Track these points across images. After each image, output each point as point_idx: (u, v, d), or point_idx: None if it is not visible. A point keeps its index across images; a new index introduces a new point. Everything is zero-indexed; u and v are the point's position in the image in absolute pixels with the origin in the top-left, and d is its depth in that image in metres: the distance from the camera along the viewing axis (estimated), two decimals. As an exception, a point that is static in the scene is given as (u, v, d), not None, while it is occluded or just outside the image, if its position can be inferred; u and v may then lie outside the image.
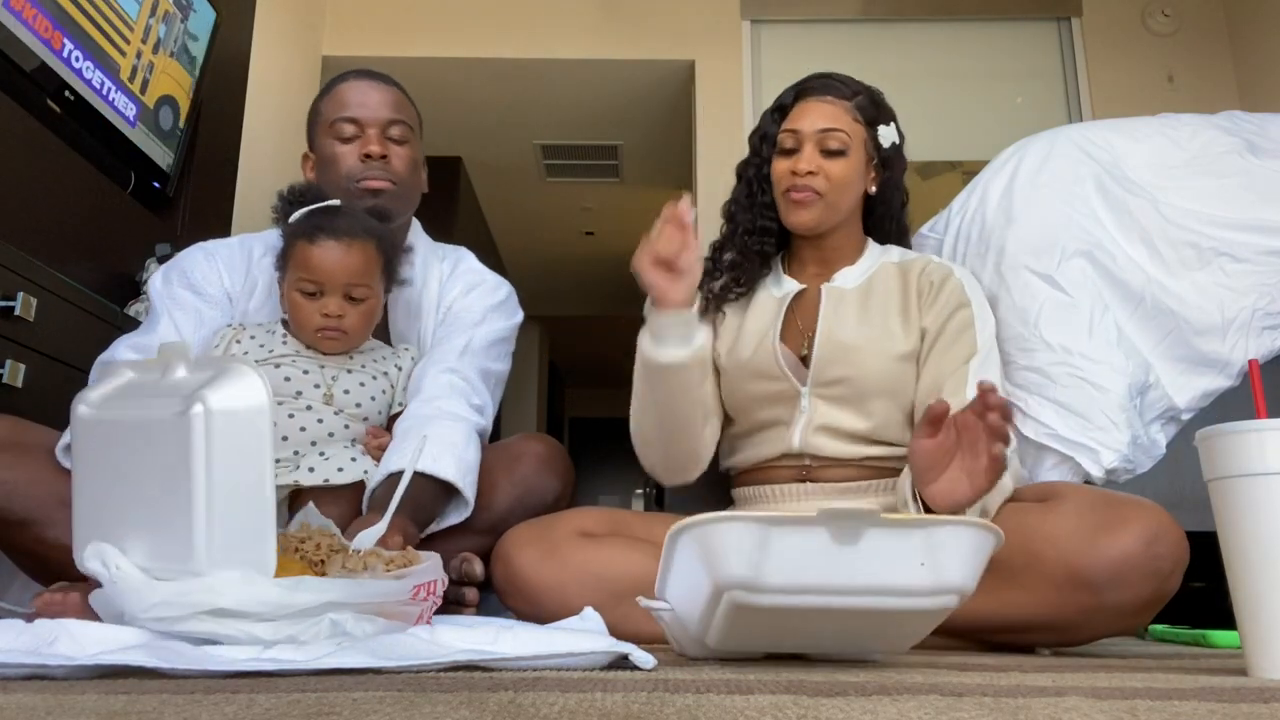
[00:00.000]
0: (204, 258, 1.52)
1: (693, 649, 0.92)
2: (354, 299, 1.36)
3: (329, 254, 1.33)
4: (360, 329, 1.39)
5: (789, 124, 1.46)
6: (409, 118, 1.56)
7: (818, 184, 1.42)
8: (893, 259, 1.50)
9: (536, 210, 5.57)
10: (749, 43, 3.84)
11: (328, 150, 1.51)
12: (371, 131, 1.51)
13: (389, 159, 1.51)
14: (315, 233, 1.34)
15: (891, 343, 1.39)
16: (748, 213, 1.51)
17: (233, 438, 0.83)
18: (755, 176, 1.51)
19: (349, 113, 1.51)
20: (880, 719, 0.55)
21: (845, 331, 1.40)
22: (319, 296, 1.34)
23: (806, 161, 1.42)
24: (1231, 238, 1.58)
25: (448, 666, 0.76)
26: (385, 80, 1.58)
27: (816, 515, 0.77)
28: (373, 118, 1.51)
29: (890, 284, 1.45)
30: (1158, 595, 1.09)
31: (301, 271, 1.34)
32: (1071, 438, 1.49)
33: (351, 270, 1.34)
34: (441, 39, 3.86)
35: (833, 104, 1.45)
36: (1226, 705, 0.63)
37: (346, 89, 1.54)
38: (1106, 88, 3.69)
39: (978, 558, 0.81)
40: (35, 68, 1.81)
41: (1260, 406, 0.90)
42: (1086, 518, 1.09)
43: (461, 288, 1.59)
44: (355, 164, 1.49)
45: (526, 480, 1.41)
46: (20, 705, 0.58)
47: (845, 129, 1.43)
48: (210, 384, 0.84)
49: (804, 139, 1.43)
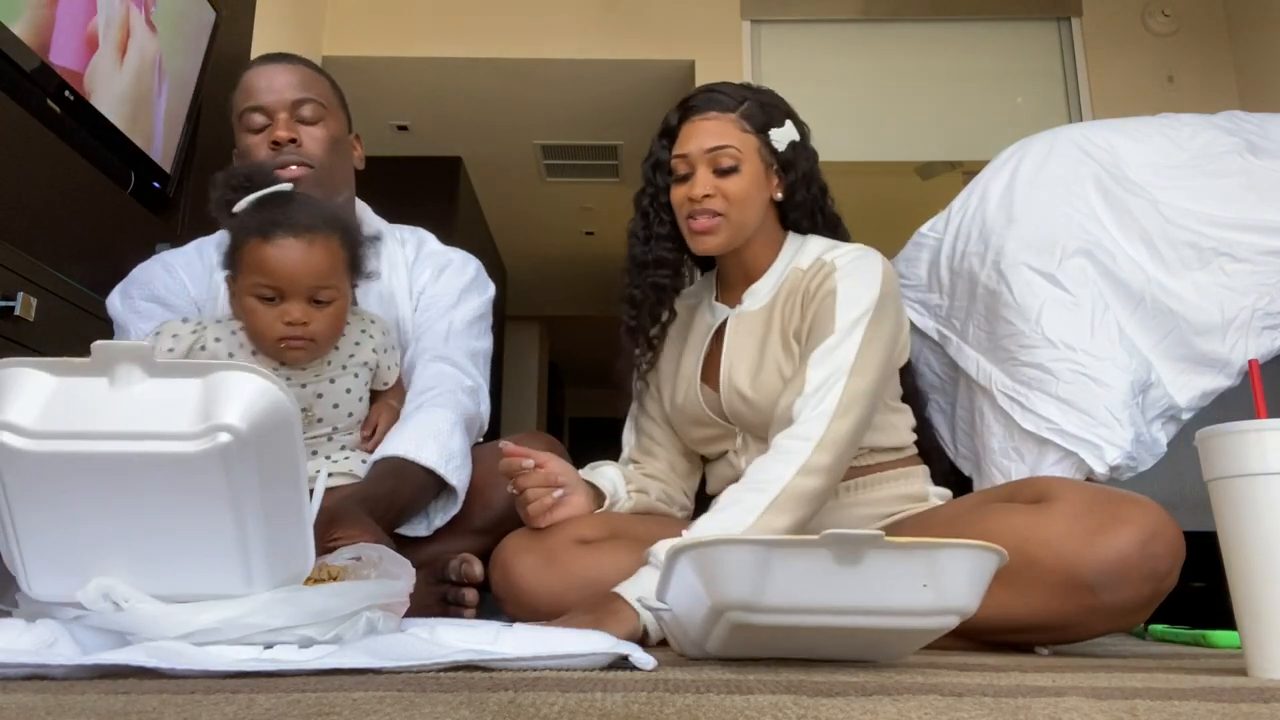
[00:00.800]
0: (163, 270, 1.48)
1: (692, 650, 0.92)
2: (319, 302, 1.20)
3: (288, 254, 1.15)
4: (328, 335, 1.24)
5: (678, 149, 1.40)
6: (320, 94, 1.48)
7: (716, 205, 1.35)
8: (803, 263, 1.39)
9: (536, 210, 5.57)
10: (749, 43, 3.84)
11: (242, 144, 1.46)
12: (281, 116, 1.43)
13: (299, 142, 1.42)
14: (270, 229, 1.16)
15: (779, 382, 1.32)
16: (643, 245, 1.45)
17: (267, 459, 0.76)
18: (651, 206, 1.45)
19: (254, 100, 1.44)
20: (880, 719, 0.55)
21: (741, 378, 1.36)
22: (279, 302, 1.18)
23: (701, 185, 1.35)
24: (1231, 238, 1.58)
25: (448, 666, 0.76)
26: (291, 60, 1.50)
27: (819, 537, 0.76)
28: (277, 101, 1.44)
29: (795, 296, 1.37)
30: (1155, 594, 1.08)
31: (257, 275, 1.17)
32: (1075, 433, 1.49)
33: (315, 271, 1.17)
34: (441, 39, 3.86)
35: (717, 120, 1.38)
36: (1226, 705, 0.63)
37: (251, 75, 1.47)
38: (1106, 88, 3.70)
39: (980, 579, 0.81)
40: (35, 68, 1.81)
41: (1260, 406, 0.90)
42: (1082, 519, 1.08)
43: (431, 271, 1.57)
44: (267, 154, 1.42)
45: None
46: (20, 705, 0.58)
47: (734, 143, 1.36)
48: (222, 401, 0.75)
49: (694, 161, 1.37)
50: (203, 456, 0.74)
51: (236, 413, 0.74)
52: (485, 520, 1.39)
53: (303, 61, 1.51)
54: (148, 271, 1.49)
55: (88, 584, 0.77)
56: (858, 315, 1.27)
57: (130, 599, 0.77)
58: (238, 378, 0.76)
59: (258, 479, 0.76)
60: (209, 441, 0.73)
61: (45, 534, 0.78)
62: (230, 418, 0.74)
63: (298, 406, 0.81)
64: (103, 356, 0.75)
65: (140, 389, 0.76)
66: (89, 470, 0.75)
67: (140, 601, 0.77)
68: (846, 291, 1.29)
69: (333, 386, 1.29)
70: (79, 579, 0.78)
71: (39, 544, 0.78)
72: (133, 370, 0.76)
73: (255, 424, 0.75)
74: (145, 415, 0.75)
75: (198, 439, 0.74)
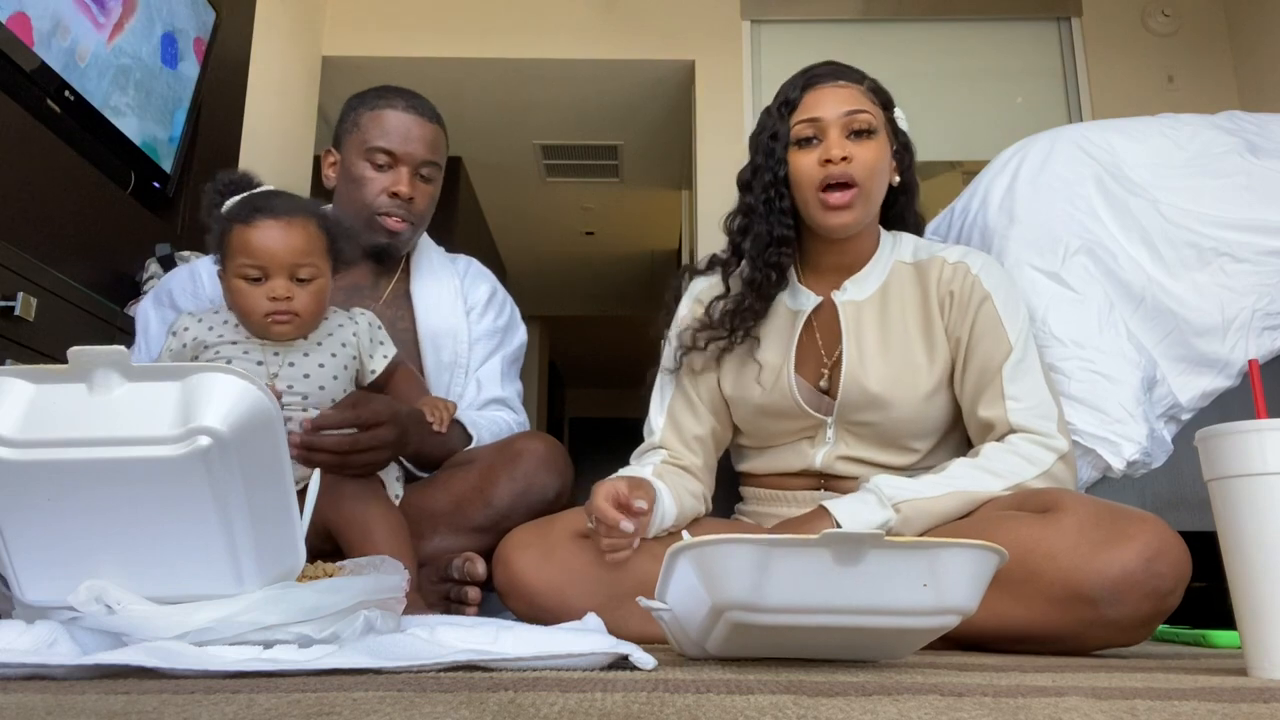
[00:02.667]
0: (189, 277, 1.56)
1: (692, 650, 0.92)
2: (301, 279, 1.28)
3: (269, 233, 1.26)
4: (312, 310, 1.31)
5: (805, 113, 1.33)
6: (440, 157, 1.58)
7: (855, 171, 1.29)
8: (905, 257, 1.39)
9: (536, 210, 5.57)
10: (749, 43, 3.84)
11: (356, 170, 1.53)
12: (405, 170, 1.52)
13: (415, 200, 1.53)
14: (252, 215, 1.27)
15: (917, 380, 1.31)
16: (764, 222, 1.35)
17: (249, 459, 0.77)
18: (771, 182, 1.34)
19: (388, 144, 1.52)
20: (880, 719, 0.55)
21: (871, 377, 1.31)
22: (264, 281, 1.27)
23: (838, 146, 1.29)
24: (1231, 238, 1.58)
25: (448, 666, 0.76)
26: (430, 116, 1.58)
27: (819, 537, 0.76)
28: (411, 157, 1.53)
29: (907, 291, 1.36)
30: (1157, 612, 1.06)
31: (242, 256, 1.26)
32: (1091, 431, 1.48)
33: (295, 249, 1.27)
34: (441, 39, 3.86)
35: (849, 88, 1.34)
36: (1226, 705, 0.63)
37: (393, 117, 1.54)
38: (1106, 88, 3.70)
39: (981, 579, 0.81)
40: (35, 68, 1.81)
41: (1260, 406, 0.90)
42: (1087, 533, 1.07)
43: (480, 305, 1.68)
44: (382, 198, 1.52)
45: (527, 478, 1.42)
46: (20, 705, 0.58)
47: (869, 109, 1.33)
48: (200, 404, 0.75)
49: (827, 125, 1.31)
50: (183, 460, 0.74)
51: (216, 415, 0.74)
52: (487, 518, 1.39)
53: (437, 118, 1.59)
54: (175, 279, 1.57)
55: (79, 587, 0.77)
56: (1022, 324, 1.32)
57: (122, 601, 0.77)
58: (216, 380, 0.76)
59: (241, 479, 0.76)
60: (189, 445, 0.74)
61: (34, 540, 0.78)
62: (210, 420, 0.74)
63: (279, 406, 0.81)
64: (80, 362, 0.75)
65: (119, 394, 0.76)
66: (72, 476, 0.75)
67: (132, 603, 0.77)
68: (1004, 299, 1.32)
69: (305, 359, 1.32)
70: (70, 583, 0.78)
71: (28, 550, 0.78)
72: (110, 375, 0.76)
73: (235, 426, 0.75)
74: (125, 420, 0.75)
75: (178, 443, 0.74)
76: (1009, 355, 1.29)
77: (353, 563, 1.01)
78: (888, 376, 1.32)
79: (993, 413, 1.28)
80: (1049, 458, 1.24)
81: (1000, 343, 1.30)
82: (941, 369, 1.33)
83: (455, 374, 1.61)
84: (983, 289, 1.32)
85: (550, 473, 1.44)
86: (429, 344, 1.59)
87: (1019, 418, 1.27)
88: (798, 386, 1.36)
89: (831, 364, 1.37)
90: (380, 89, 1.59)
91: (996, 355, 1.30)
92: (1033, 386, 1.29)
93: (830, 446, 1.35)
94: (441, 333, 1.60)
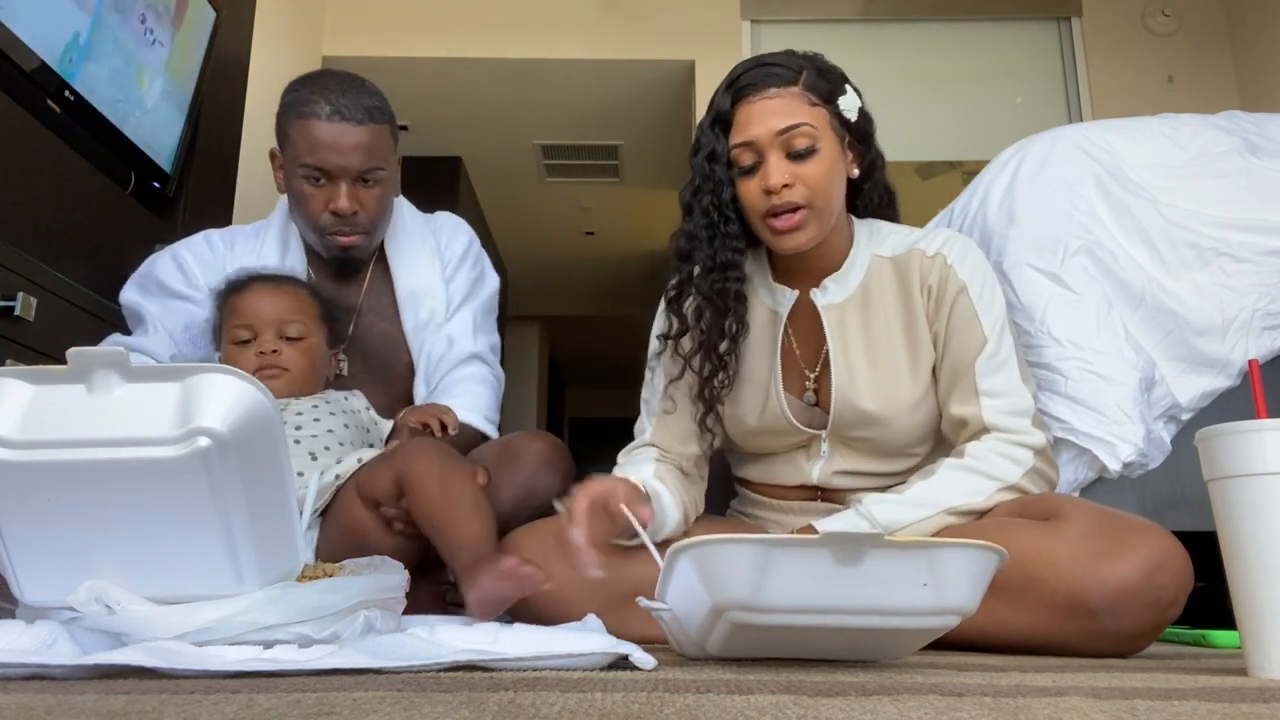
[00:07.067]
0: (172, 261, 1.54)
1: (692, 650, 0.92)
2: (290, 338, 1.34)
3: (257, 295, 1.35)
4: (302, 369, 1.35)
5: (739, 135, 1.23)
6: (382, 157, 1.46)
7: (797, 196, 1.21)
8: (883, 251, 1.33)
9: (536, 210, 5.57)
10: (749, 43, 3.84)
11: (295, 185, 1.47)
12: (342, 185, 1.44)
13: (359, 212, 1.46)
14: (246, 282, 1.38)
15: (903, 392, 1.28)
16: (708, 247, 1.27)
17: (249, 460, 0.76)
18: (714, 205, 1.26)
19: (318, 161, 1.42)
20: (880, 719, 0.55)
21: (864, 394, 1.28)
22: (253, 341, 1.34)
23: (777, 173, 1.20)
24: (1231, 238, 1.58)
25: (448, 666, 0.76)
26: (360, 117, 1.43)
27: (819, 536, 0.76)
28: (345, 170, 1.43)
29: (888, 291, 1.31)
30: (1158, 623, 1.06)
31: (233, 319, 1.35)
32: (1088, 431, 1.48)
33: (282, 307, 1.34)
34: (441, 39, 3.86)
35: (780, 96, 1.22)
36: (1226, 705, 0.63)
37: (319, 129, 1.41)
38: (1106, 88, 3.70)
39: (981, 578, 0.81)
40: (35, 68, 1.81)
41: (1260, 406, 0.90)
42: (1089, 542, 1.06)
43: (456, 259, 1.67)
44: (325, 216, 1.46)
45: (529, 478, 1.41)
46: (20, 705, 0.58)
47: (806, 120, 1.21)
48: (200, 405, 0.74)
49: (763, 148, 1.21)
50: (183, 461, 0.73)
51: (216, 416, 0.74)
52: (488, 519, 1.39)
53: (371, 115, 1.44)
54: (158, 264, 1.55)
55: (79, 587, 0.77)
56: (998, 313, 1.28)
57: (122, 601, 0.77)
58: (216, 380, 0.76)
59: (240, 480, 0.76)
60: (188, 446, 0.73)
61: (33, 540, 0.78)
62: (209, 421, 0.74)
63: (277, 407, 0.81)
64: (79, 363, 0.75)
65: (118, 394, 0.76)
66: (72, 477, 0.75)
67: (132, 603, 0.77)
68: (979, 288, 1.28)
69: (298, 416, 1.31)
70: (70, 583, 0.78)
71: (28, 550, 0.78)
72: (109, 376, 0.76)
73: (235, 427, 0.75)
74: (124, 421, 0.74)
75: (177, 444, 0.74)
76: (983, 349, 1.26)
77: (352, 563, 1.01)
78: (879, 393, 1.28)
79: (966, 410, 1.26)
80: (1026, 455, 1.23)
81: (974, 336, 1.26)
82: (925, 373, 1.30)
83: (432, 332, 1.60)
84: (958, 280, 1.28)
85: (551, 473, 1.43)
86: (408, 304, 1.59)
87: (992, 416, 1.24)
88: (789, 405, 1.33)
89: (817, 373, 1.34)
90: (308, 88, 1.45)
91: (970, 349, 1.26)
92: (1006, 381, 1.26)
93: (826, 461, 1.33)
94: (420, 291, 1.60)
